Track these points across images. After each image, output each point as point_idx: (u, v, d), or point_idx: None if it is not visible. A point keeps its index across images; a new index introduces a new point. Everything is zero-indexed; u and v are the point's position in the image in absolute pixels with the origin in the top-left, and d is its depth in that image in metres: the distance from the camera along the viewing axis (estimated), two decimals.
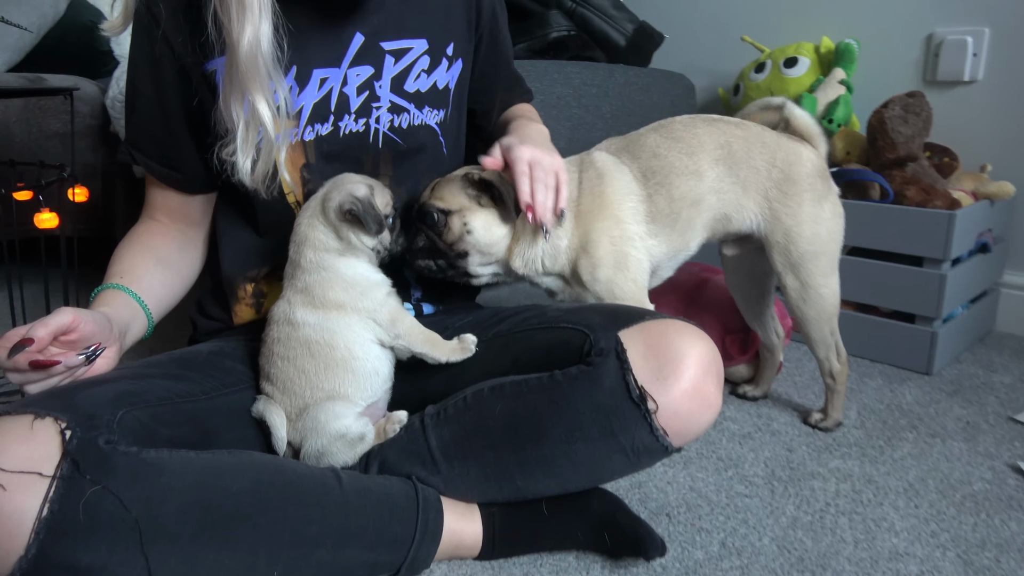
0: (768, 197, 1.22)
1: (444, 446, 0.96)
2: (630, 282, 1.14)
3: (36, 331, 0.79)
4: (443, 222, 1.08)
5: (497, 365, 1.03)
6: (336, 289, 0.96)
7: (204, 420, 0.91)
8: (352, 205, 0.93)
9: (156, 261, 1.05)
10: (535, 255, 1.13)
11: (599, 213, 1.13)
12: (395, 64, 1.06)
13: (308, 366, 0.95)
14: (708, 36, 2.40)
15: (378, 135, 1.07)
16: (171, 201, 1.09)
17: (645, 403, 0.88)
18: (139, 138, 1.05)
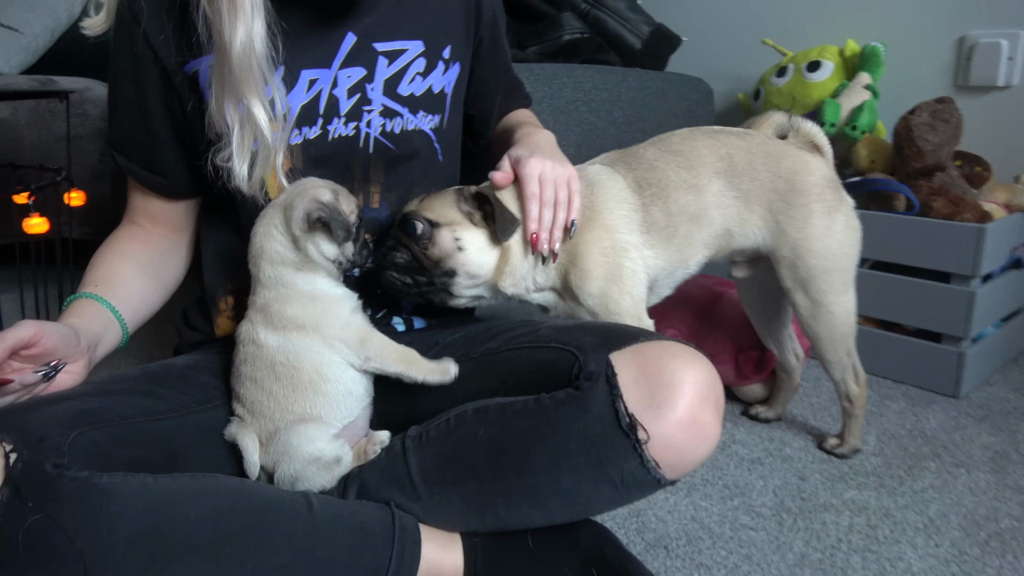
0: (772, 209, 1.15)
1: (424, 471, 0.90)
2: (626, 295, 1.08)
3: None
4: (428, 235, 1.01)
5: (485, 385, 0.97)
6: (295, 305, 0.90)
7: (171, 440, 0.87)
8: (320, 212, 0.87)
9: (135, 268, 1.01)
10: (525, 272, 1.06)
11: (588, 223, 1.06)
12: (388, 66, 1.02)
13: (275, 389, 0.90)
14: (728, 39, 2.32)
15: (369, 140, 1.02)
16: (153, 206, 1.05)
17: (635, 432, 0.82)
18: (121, 141, 1.01)
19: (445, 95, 1.08)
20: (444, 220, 1.01)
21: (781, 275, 1.18)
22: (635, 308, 1.09)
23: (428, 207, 1.02)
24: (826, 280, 1.16)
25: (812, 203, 1.15)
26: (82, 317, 0.91)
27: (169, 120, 0.98)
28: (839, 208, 1.18)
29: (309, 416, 0.91)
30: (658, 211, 1.10)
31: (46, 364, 0.80)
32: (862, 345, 1.59)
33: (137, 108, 0.97)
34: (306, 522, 0.83)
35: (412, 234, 1.00)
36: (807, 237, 1.15)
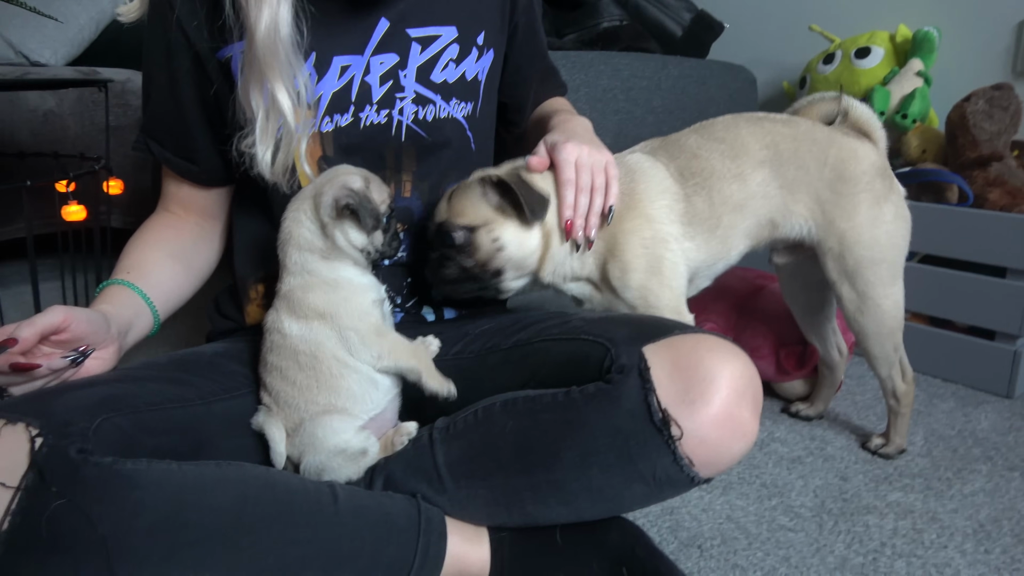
0: (820, 199, 1.11)
1: (451, 464, 0.88)
2: (666, 288, 1.04)
3: (21, 331, 0.75)
4: (468, 242, 0.99)
5: (515, 377, 0.95)
6: (317, 293, 0.88)
7: (197, 427, 0.86)
8: (349, 199, 0.86)
9: (167, 256, 1.01)
10: (562, 260, 1.04)
11: (628, 212, 1.03)
12: (422, 52, 1.01)
13: (300, 379, 0.89)
14: (772, 25, 2.25)
15: (401, 127, 1.01)
16: (185, 194, 1.05)
17: (668, 428, 0.78)
18: (154, 128, 1.02)
19: (479, 82, 1.06)
20: (478, 221, 0.98)
21: (826, 266, 1.14)
22: (675, 301, 1.06)
23: (459, 211, 0.99)
24: (874, 272, 1.11)
25: (860, 192, 1.11)
26: (113, 303, 0.91)
27: (201, 107, 0.98)
28: (888, 197, 1.13)
29: (334, 407, 0.89)
30: (701, 201, 1.07)
31: (75, 350, 0.80)
32: (911, 342, 1.53)
33: (170, 94, 0.97)
34: (330, 513, 0.81)
35: (452, 245, 0.99)
36: (855, 227, 1.11)
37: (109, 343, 0.85)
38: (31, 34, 2.23)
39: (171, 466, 0.75)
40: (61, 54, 2.31)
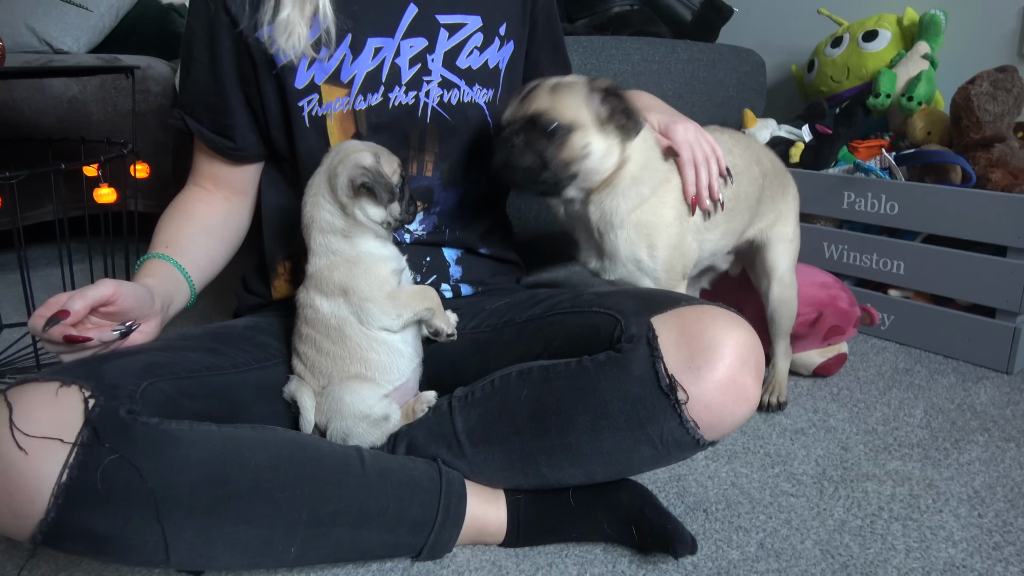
0: (776, 205, 1.31)
1: (470, 430, 0.94)
2: (669, 273, 1.10)
3: (73, 303, 0.80)
4: (563, 138, 0.97)
5: (530, 349, 1.00)
6: (341, 270, 0.93)
7: (232, 394, 0.92)
8: (364, 177, 0.90)
9: (201, 230, 1.06)
10: (615, 203, 1.05)
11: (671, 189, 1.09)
12: (449, 38, 1.06)
13: (332, 350, 0.94)
14: (781, 9, 2.28)
15: (427, 109, 1.06)
16: (218, 169, 1.10)
17: (675, 393, 0.83)
18: (192, 104, 1.06)
19: (499, 71, 1.11)
20: (577, 123, 0.98)
21: (768, 259, 1.31)
22: (674, 271, 1.10)
23: (563, 105, 0.98)
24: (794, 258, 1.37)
25: (790, 197, 1.35)
26: (155, 277, 0.96)
27: (240, 84, 1.03)
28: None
29: (363, 376, 0.95)
30: (730, 191, 1.14)
31: (122, 323, 0.86)
32: (915, 320, 1.58)
33: (210, 72, 1.03)
34: (358, 473, 0.87)
35: (546, 135, 0.97)
36: (788, 224, 1.34)
37: (152, 316, 0.90)
38: (54, 22, 2.28)
39: (211, 427, 0.81)
40: (83, 42, 2.37)
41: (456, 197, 1.13)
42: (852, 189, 1.64)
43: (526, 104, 0.99)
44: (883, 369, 1.51)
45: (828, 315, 1.38)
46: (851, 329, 1.44)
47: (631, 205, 1.05)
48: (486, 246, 1.18)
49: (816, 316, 1.39)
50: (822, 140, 1.72)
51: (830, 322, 1.39)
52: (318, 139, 1.03)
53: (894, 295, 1.64)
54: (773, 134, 1.82)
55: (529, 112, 0.98)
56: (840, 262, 1.70)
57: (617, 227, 1.06)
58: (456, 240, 1.14)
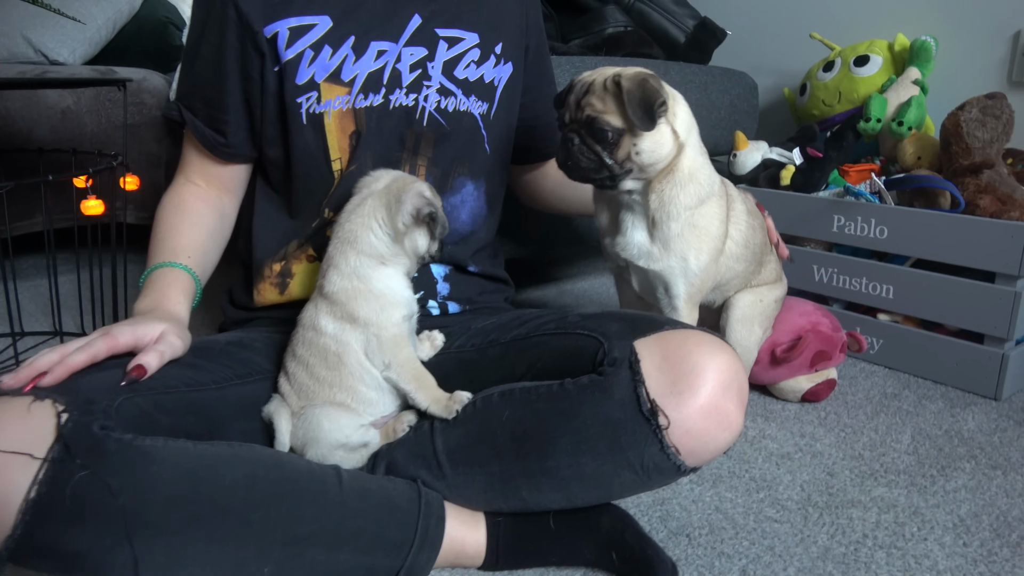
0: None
1: (450, 451, 0.93)
2: (699, 286, 1.14)
3: (151, 361, 0.84)
4: (616, 140, 1.02)
5: (514, 370, 1.00)
6: (360, 300, 0.93)
7: (210, 410, 0.91)
8: (430, 208, 0.92)
9: (207, 234, 1.08)
10: (674, 192, 1.08)
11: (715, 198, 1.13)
12: (448, 50, 1.09)
13: (324, 375, 0.94)
14: (774, 33, 2.30)
15: (424, 113, 1.08)
16: (209, 166, 1.11)
17: (656, 418, 0.83)
18: (190, 96, 1.08)
19: (494, 87, 1.14)
20: (627, 126, 1.01)
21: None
22: (695, 289, 1.14)
23: (613, 111, 1.01)
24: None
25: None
26: (185, 296, 0.99)
27: (241, 81, 1.04)
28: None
29: (347, 407, 0.94)
30: (760, 236, 1.27)
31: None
32: (904, 344, 1.57)
33: (212, 65, 1.04)
34: (335, 493, 0.86)
35: (601, 139, 1.02)
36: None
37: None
38: (50, 34, 2.28)
39: (186, 444, 0.80)
40: (79, 53, 2.37)
41: (446, 206, 1.13)
42: (842, 212, 1.64)
43: (582, 107, 1.03)
44: (871, 394, 1.51)
45: (810, 340, 1.38)
46: (838, 354, 1.43)
47: (689, 201, 1.09)
48: (476, 263, 1.18)
49: (794, 341, 1.38)
50: (813, 163, 1.72)
51: (814, 347, 1.38)
52: (315, 136, 1.04)
53: (883, 319, 1.64)
54: (764, 156, 1.82)
55: (584, 116, 1.02)
56: (829, 285, 1.70)
57: (673, 217, 1.09)
58: (446, 255, 1.14)
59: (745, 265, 1.25)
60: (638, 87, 0.99)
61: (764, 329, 1.35)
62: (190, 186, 1.12)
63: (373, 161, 1.06)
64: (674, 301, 1.15)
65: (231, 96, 1.05)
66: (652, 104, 0.98)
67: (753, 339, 1.32)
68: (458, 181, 1.14)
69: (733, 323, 1.30)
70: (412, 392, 0.95)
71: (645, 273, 1.15)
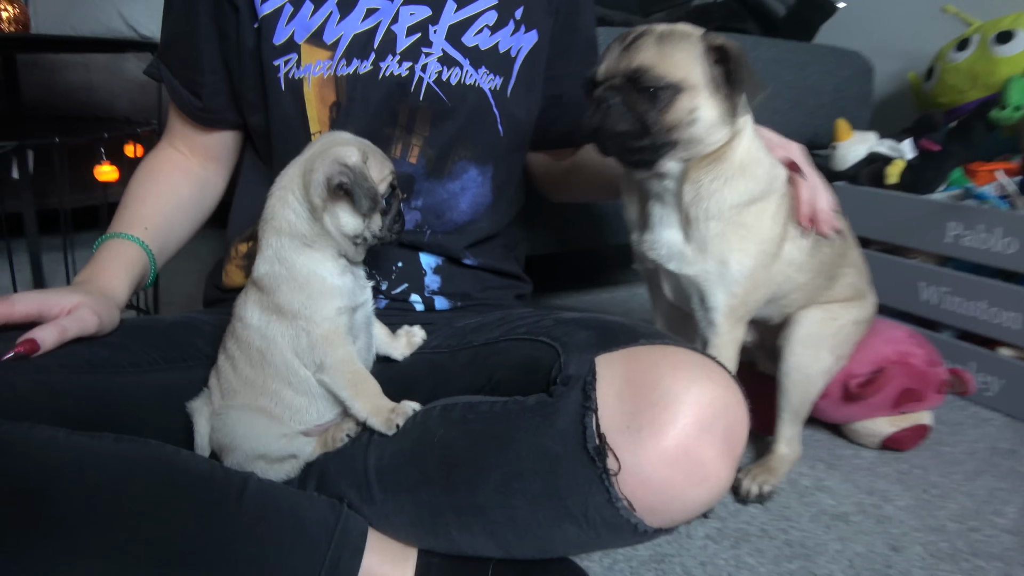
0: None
1: (381, 470, 0.77)
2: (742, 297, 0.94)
3: (47, 336, 0.74)
4: (669, 98, 0.83)
5: (475, 379, 0.84)
6: (283, 288, 0.78)
7: (117, 396, 0.80)
8: (343, 175, 0.75)
9: (176, 207, 0.99)
10: (716, 187, 0.88)
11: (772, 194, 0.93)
12: (457, 11, 0.94)
13: (247, 373, 0.81)
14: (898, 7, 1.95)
15: (421, 85, 0.92)
16: (191, 133, 1.03)
17: (603, 459, 0.63)
18: (166, 53, 1.00)
19: (512, 58, 0.98)
20: (687, 82, 0.83)
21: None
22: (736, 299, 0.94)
23: (672, 61, 0.83)
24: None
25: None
26: (128, 270, 0.89)
27: (217, 38, 0.95)
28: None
29: (272, 413, 0.80)
30: (827, 249, 1.02)
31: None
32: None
33: (184, 18, 0.95)
34: (228, 510, 0.72)
35: (652, 95, 0.83)
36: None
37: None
38: (141, 9, 2.34)
39: (57, 434, 0.69)
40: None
41: (442, 192, 0.98)
42: (959, 219, 1.33)
43: (629, 56, 0.83)
44: (977, 447, 1.20)
45: (895, 374, 1.10)
46: (932, 395, 1.15)
47: (736, 198, 0.89)
48: (476, 256, 1.02)
49: (873, 374, 1.11)
50: (927, 158, 1.42)
51: (899, 383, 1.11)
52: (294, 105, 0.92)
53: (1005, 354, 1.31)
54: (871, 150, 1.53)
55: (632, 66, 0.82)
56: (939, 307, 1.39)
57: (713, 216, 0.89)
58: (436, 245, 0.98)
59: (809, 276, 1.01)
60: (742, 52, 0.81)
61: (837, 357, 1.09)
62: (171, 151, 1.04)
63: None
64: (711, 315, 0.94)
65: (205, 55, 0.95)
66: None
67: (819, 367, 1.06)
68: (459, 166, 0.98)
69: (794, 344, 1.05)
70: (348, 400, 0.80)
71: (678, 279, 0.94)
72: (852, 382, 1.13)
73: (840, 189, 1.55)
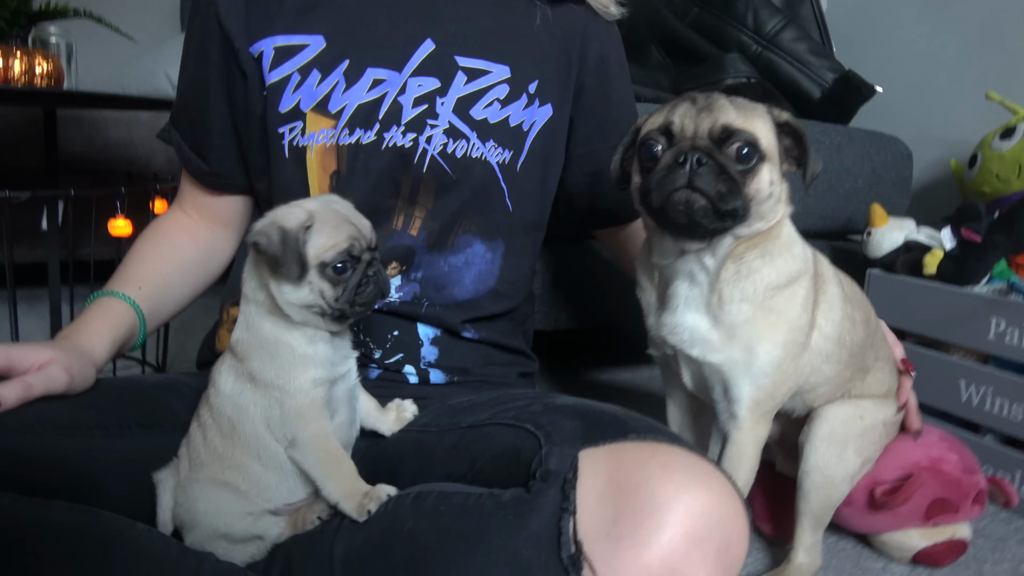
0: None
1: (347, 560, 0.71)
2: (770, 390, 0.87)
3: (8, 393, 0.71)
4: (756, 165, 0.78)
5: (458, 465, 0.78)
6: (254, 356, 0.75)
7: (84, 461, 0.75)
8: (262, 237, 0.70)
9: (177, 268, 0.97)
10: (758, 265, 0.83)
11: (799, 282, 0.88)
12: (466, 84, 0.91)
13: (216, 443, 0.76)
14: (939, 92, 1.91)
15: (425, 156, 0.90)
16: (200, 196, 1.01)
17: (579, 571, 0.56)
18: (178, 117, 1.00)
19: (524, 132, 0.95)
20: (770, 152, 0.79)
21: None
22: (762, 391, 0.87)
23: (755, 127, 0.78)
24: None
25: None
26: (112, 330, 0.86)
27: (227, 103, 0.95)
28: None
29: (237, 488, 0.75)
30: (860, 332, 0.96)
31: None
32: None
33: (196, 83, 0.96)
34: None
35: (742, 159, 0.77)
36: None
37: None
38: None
39: (2, 500, 0.64)
40: None
41: (443, 265, 0.94)
42: (1003, 315, 1.25)
43: (713, 115, 0.77)
44: (1023, 568, 1.08)
45: (924, 482, 1.00)
46: (970, 506, 1.04)
47: (775, 278, 0.84)
48: (476, 329, 0.97)
49: (901, 480, 1.01)
50: (968, 249, 1.34)
51: (931, 493, 1.01)
52: (296, 172, 0.90)
53: None
54: (908, 237, 1.46)
55: (719, 124, 0.77)
56: (980, 409, 1.29)
57: (748, 298, 0.83)
58: (434, 316, 0.94)
59: (838, 368, 0.94)
60: (806, 130, 0.80)
61: (864, 459, 1.00)
62: (179, 214, 1.03)
63: (355, 207, 0.89)
64: (734, 407, 0.87)
65: (215, 119, 0.95)
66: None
67: (843, 468, 0.97)
68: (462, 239, 0.94)
69: (817, 442, 0.96)
70: (320, 480, 0.74)
71: (700, 366, 0.88)
72: (878, 489, 1.03)
73: (875, 277, 1.47)
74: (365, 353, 0.92)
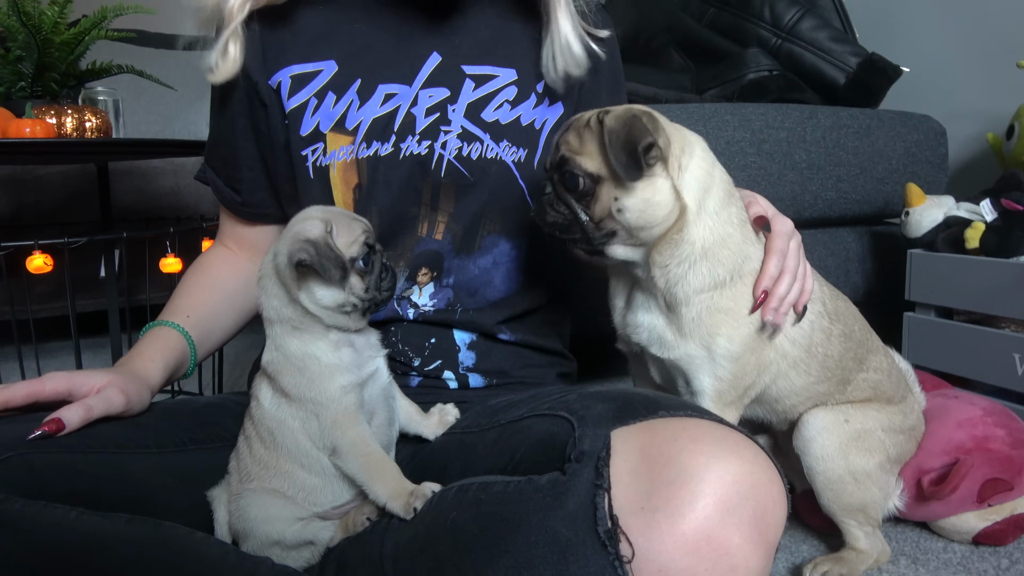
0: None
1: (397, 556, 0.73)
2: (731, 381, 0.86)
3: (72, 416, 0.75)
4: (590, 189, 0.79)
5: (499, 459, 0.79)
6: (285, 374, 0.78)
7: (139, 476, 0.79)
8: (302, 252, 0.74)
9: (223, 299, 1.01)
10: (680, 272, 0.82)
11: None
12: (475, 90, 0.95)
13: (261, 454, 0.80)
14: (970, 67, 1.87)
15: (442, 162, 0.93)
16: (238, 229, 1.06)
17: (616, 545, 0.57)
18: (211, 156, 1.05)
19: (537, 131, 0.97)
20: (605, 171, 0.78)
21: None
22: (725, 385, 0.86)
23: (588, 151, 0.79)
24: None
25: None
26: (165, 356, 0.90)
27: (253, 135, 0.99)
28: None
29: (284, 494, 0.79)
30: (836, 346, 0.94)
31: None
32: None
33: (223, 119, 1.00)
34: None
35: (572, 188, 0.80)
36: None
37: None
38: None
39: (69, 514, 0.68)
40: None
41: (474, 268, 0.96)
42: None
43: (558, 145, 0.82)
44: None
45: (972, 465, 0.97)
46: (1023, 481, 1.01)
47: (700, 283, 0.82)
48: (511, 331, 0.99)
49: (948, 467, 0.98)
50: (1012, 219, 1.31)
51: (981, 475, 0.97)
52: (322, 191, 0.94)
53: None
54: (948, 214, 1.43)
55: (557, 157, 0.81)
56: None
57: (682, 302, 0.83)
58: (469, 321, 0.96)
59: (808, 380, 0.92)
60: (623, 125, 0.75)
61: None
62: (220, 248, 1.07)
63: (380, 217, 0.93)
64: (697, 399, 0.87)
65: (243, 152, 0.99)
66: (636, 146, 0.74)
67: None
68: (488, 240, 0.97)
69: (802, 444, 0.97)
70: (365, 483, 0.77)
71: (662, 362, 0.89)
72: (924, 479, 1.00)
73: (916, 257, 1.44)
74: (404, 361, 0.95)
